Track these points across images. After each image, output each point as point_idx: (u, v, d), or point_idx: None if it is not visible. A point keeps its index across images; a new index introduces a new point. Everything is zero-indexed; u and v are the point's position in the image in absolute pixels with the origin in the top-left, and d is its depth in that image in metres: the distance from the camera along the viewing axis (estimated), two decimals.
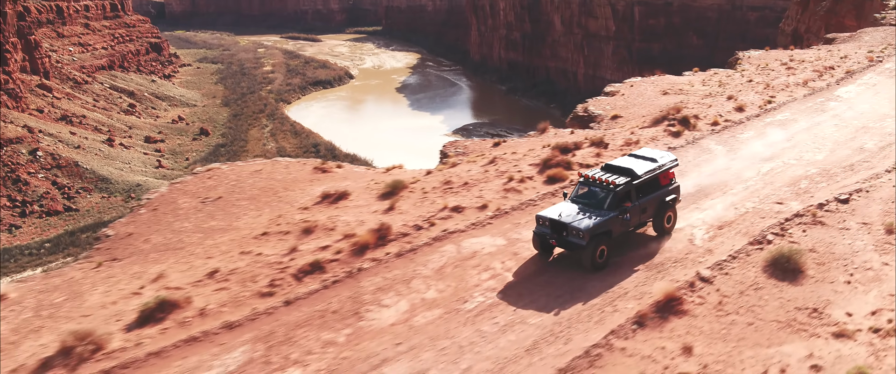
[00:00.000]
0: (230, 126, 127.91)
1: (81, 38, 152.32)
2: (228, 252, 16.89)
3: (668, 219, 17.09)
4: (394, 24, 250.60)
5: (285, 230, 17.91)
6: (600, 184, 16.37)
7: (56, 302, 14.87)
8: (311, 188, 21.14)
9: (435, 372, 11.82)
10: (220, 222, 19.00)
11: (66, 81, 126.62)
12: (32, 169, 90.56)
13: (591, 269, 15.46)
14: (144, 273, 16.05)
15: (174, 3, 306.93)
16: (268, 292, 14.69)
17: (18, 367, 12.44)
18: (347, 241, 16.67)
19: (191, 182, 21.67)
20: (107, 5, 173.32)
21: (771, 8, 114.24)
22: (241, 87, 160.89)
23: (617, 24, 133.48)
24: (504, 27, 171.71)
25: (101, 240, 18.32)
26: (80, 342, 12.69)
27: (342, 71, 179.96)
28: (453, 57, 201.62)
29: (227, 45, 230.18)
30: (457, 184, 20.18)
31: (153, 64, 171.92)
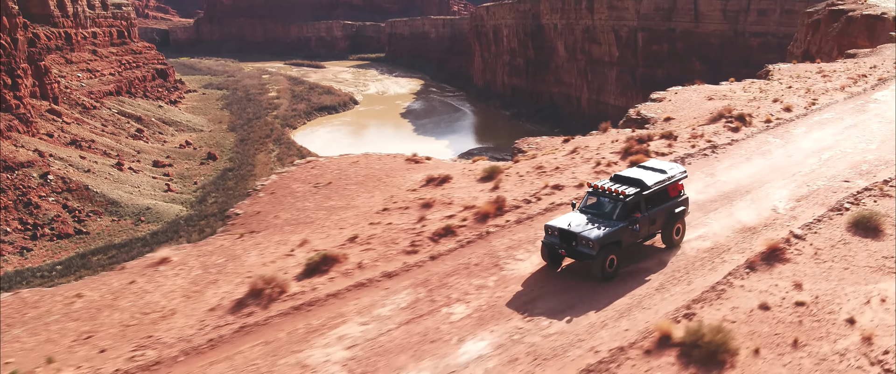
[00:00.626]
0: (237, 151, 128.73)
1: (89, 64, 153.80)
2: (357, 224, 19.20)
3: (677, 231, 17.01)
4: (396, 50, 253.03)
5: (404, 206, 20.20)
6: (610, 194, 16.35)
7: (218, 263, 17.08)
8: (410, 175, 23.43)
9: (582, 306, 14.04)
10: (338, 202, 21.41)
11: (75, 107, 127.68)
12: (43, 193, 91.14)
13: (601, 278, 15.42)
14: (288, 241, 18.33)
15: (178, 31, 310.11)
16: (411, 251, 16.93)
17: (215, 306, 14.62)
18: (469, 211, 18.95)
19: (296, 171, 24.04)
20: (114, 32, 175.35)
21: (773, 34, 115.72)
22: (246, 112, 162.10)
23: (620, 49, 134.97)
24: (507, 53, 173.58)
25: (232, 218, 20.63)
26: (267, 285, 14.96)
27: (347, 97, 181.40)
28: (456, 83, 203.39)
29: (231, 72, 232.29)
30: (548, 169, 22.60)
31: (159, 90, 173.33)
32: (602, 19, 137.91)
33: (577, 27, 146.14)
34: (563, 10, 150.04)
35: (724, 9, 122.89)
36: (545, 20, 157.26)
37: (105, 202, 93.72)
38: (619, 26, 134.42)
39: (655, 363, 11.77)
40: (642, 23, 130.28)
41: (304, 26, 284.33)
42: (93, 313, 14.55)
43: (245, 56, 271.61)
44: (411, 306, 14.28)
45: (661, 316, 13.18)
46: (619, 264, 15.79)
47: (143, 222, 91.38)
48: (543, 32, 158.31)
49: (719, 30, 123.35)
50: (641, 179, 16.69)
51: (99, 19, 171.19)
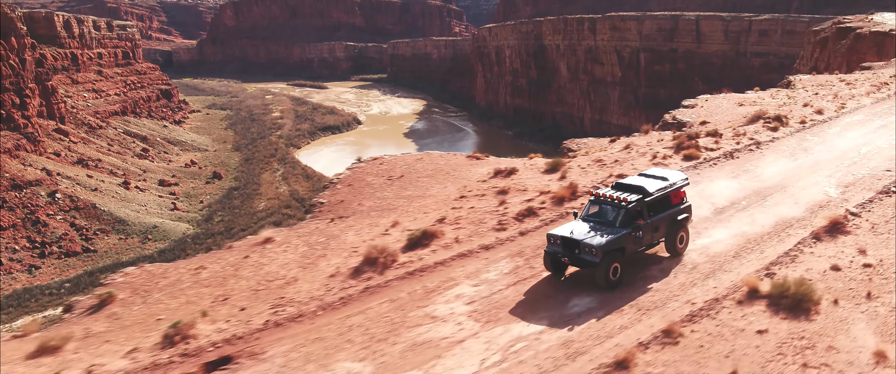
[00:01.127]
0: (242, 170, 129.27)
1: (95, 84, 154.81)
2: (440, 208, 20.86)
3: (680, 239, 16.95)
4: (399, 71, 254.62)
5: (480, 194, 21.98)
6: (612, 202, 16.28)
7: (320, 241, 18.85)
8: (475, 169, 25.13)
9: (665, 272, 15.79)
10: (414, 192, 23.29)
11: (81, 126, 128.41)
12: (51, 211, 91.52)
13: (605, 286, 15.32)
14: (379, 223, 20.09)
15: (181, 52, 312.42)
16: (500, 228, 18.60)
17: (334, 273, 16.46)
18: (545, 196, 20.71)
19: (365, 167, 25.79)
20: (119, 53, 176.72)
21: (774, 54, 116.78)
22: (250, 132, 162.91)
23: (623, 70, 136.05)
24: (510, 74, 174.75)
25: (317, 207, 22.40)
26: (380, 254, 16.76)
27: (350, 117, 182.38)
28: (459, 103, 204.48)
29: (234, 92, 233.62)
30: (608, 161, 24.37)
31: (164, 110, 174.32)
32: (604, 40, 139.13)
33: (579, 48, 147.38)
34: (565, 31, 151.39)
35: (725, 29, 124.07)
36: (547, 41, 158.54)
37: (112, 221, 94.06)
38: (621, 47, 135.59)
39: (748, 311, 13.55)
40: (644, 43, 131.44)
41: (306, 47, 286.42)
42: (220, 281, 16.55)
43: (248, 77, 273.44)
44: (513, 272, 16.11)
45: (743, 276, 14.97)
46: (623, 272, 15.72)
47: (150, 240, 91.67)
48: (546, 53, 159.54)
49: (721, 50, 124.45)
50: (643, 187, 16.67)
51: (104, 40, 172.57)
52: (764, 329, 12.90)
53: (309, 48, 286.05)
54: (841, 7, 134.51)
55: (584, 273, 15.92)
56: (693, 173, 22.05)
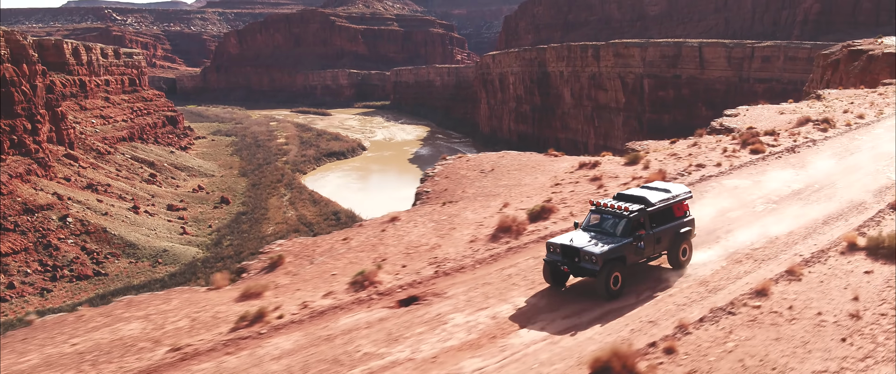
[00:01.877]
0: (249, 195, 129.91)
1: (103, 110, 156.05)
2: (541, 193, 23.33)
3: (683, 252, 16.82)
4: (402, 98, 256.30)
5: (573, 181, 24.38)
6: (613, 211, 16.23)
7: (443, 219, 21.27)
8: (557, 164, 27.43)
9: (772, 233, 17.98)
10: (509, 182, 25.60)
11: (90, 152, 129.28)
12: (62, 235, 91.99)
13: (605, 296, 15.17)
14: (489, 205, 22.50)
15: (185, 79, 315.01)
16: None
17: (473, 239, 18.82)
18: (637, 180, 23.06)
19: (455, 163, 27.98)
20: (125, 80, 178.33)
21: (777, 79, 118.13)
22: (256, 158, 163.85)
23: (627, 96, 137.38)
24: (513, 100, 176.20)
25: (422, 195, 24.62)
26: (513, 223, 19.27)
27: (355, 143, 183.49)
28: (462, 130, 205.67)
29: (238, 119, 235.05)
30: (682, 155, 26.63)
31: (170, 136, 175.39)
32: (608, 67, 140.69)
33: (583, 74, 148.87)
34: (569, 58, 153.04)
35: (728, 56, 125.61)
36: (551, 68, 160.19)
37: (122, 245, 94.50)
38: (625, 73, 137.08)
39: (852, 258, 15.86)
40: (648, 70, 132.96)
41: (309, 75, 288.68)
42: (370, 247, 19.02)
43: (251, 104, 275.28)
44: None
45: (840, 234, 17.23)
46: (624, 282, 15.58)
47: (160, 263, 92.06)
48: (549, 80, 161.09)
49: (724, 76, 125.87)
50: (646, 197, 16.70)
51: (111, 67, 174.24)
52: (869, 270, 15.16)
53: (312, 76, 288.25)
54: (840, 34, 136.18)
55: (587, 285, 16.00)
56: (762, 165, 24.60)
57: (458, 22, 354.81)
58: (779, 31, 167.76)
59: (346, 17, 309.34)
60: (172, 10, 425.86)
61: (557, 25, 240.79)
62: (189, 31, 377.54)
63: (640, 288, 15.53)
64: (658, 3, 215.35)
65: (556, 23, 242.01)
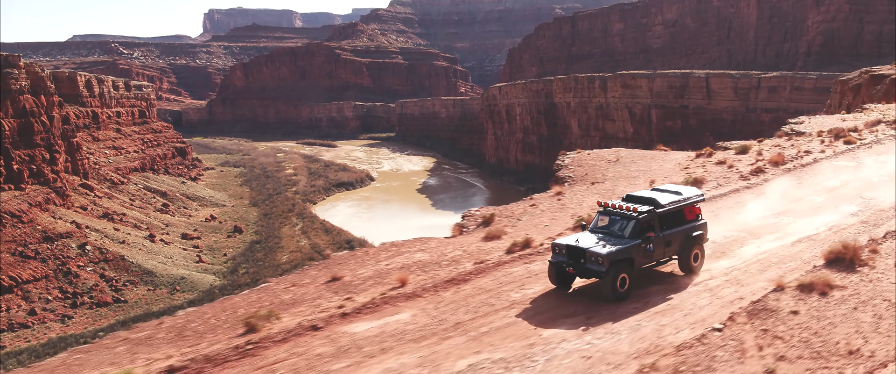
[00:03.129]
0: (262, 224, 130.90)
1: (115, 141, 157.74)
2: (675, 174, 26.60)
3: (694, 256, 16.25)
4: (407, 130, 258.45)
5: (700, 165, 27.79)
6: (621, 212, 15.87)
7: (604, 191, 25.34)
8: (671, 155, 31.11)
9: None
10: (638, 168, 29.08)
11: (104, 182, 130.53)
12: (81, 262, 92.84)
13: (612, 298, 14.79)
14: (636, 183, 26.25)
15: (191, 112, 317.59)
16: (746, 177, 25.00)
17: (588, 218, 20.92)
18: (760, 162, 26.67)
19: (580, 157, 31.67)
20: (135, 112, 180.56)
21: (784, 109, 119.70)
22: (266, 188, 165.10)
23: (634, 126, 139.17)
24: (520, 131, 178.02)
25: (565, 179, 28.11)
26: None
27: (363, 173, 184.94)
28: (468, 160, 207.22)
29: (246, 151, 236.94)
30: (783, 145, 29.89)
31: (179, 167, 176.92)
32: (616, 97, 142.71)
33: (590, 105, 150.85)
34: (575, 89, 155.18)
35: (735, 86, 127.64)
36: (558, 99, 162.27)
37: (140, 272, 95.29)
38: (632, 104, 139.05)
39: None
40: (656, 100, 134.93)
41: (315, 107, 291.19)
42: (558, 209, 23.40)
43: (257, 136, 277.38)
44: (784, 195, 22.18)
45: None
46: (631, 285, 15.15)
47: (178, 291, 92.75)
48: (556, 110, 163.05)
49: (731, 106, 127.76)
50: (655, 199, 16.25)
51: (122, 100, 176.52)
52: None
53: (317, 108, 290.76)
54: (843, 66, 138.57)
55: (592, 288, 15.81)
56: (858, 152, 27.55)
57: (460, 55, 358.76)
58: (781, 62, 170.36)
59: (351, 50, 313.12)
60: (178, 43, 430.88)
61: (561, 58, 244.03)
62: (194, 64, 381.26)
63: None
64: (661, 35, 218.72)
65: (560, 55, 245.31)
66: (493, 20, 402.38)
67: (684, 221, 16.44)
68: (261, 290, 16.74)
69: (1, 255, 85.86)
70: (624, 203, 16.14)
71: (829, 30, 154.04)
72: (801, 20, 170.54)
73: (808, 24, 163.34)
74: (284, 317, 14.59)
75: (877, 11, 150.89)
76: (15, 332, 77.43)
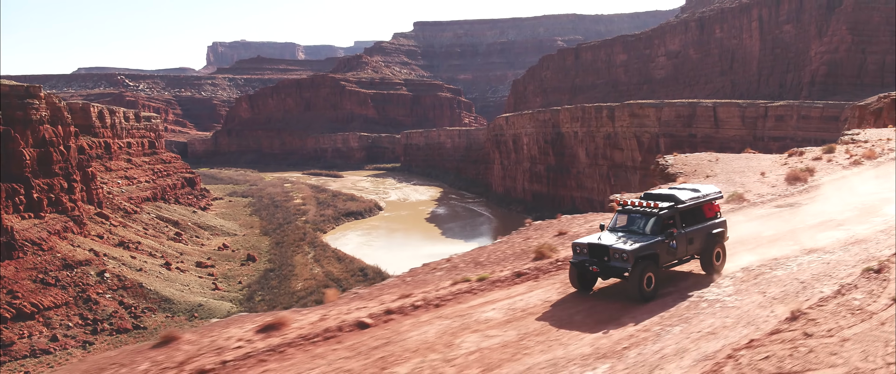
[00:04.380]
0: (274, 253, 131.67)
1: (126, 172, 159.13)
2: (776, 169, 30.02)
3: (717, 255, 16.01)
4: (412, 160, 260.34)
5: (798, 160, 31.41)
6: (642, 209, 15.63)
7: (722, 181, 28.69)
8: (764, 156, 35.54)
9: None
10: (740, 165, 32.33)
11: (118, 211, 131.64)
12: (101, 290, 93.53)
13: (638, 297, 14.40)
14: (747, 174, 29.45)
15: (196, 143, 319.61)
16: (849, 167, 28.66)
17: (775, 184, 26.11)
18: (856, 156, 30.10)
19: (682, 157, 34.32)
20: (145, 143, 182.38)
21: (792, 137, 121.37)
22: (276, 218, 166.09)
23: (643, 154, 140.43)
24: (527, 161, 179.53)
25: (676, 176, 30.54)
26: (799, 173, 26.86)
27: (371, 203, 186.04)
28: (475, 190, 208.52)
29: (253, 181, 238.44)
30: (869, 142, 34.08)
31: (189, 197, 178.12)
32: (624, 126, 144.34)
33: (598, 134, 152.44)
34: (583, 119, 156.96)
35: (742, 115, 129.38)
36: (565, 129, 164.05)
37: (158, 299, 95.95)
38: (640, 133, 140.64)
39: None
40: (664, 129, 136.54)
41: (320, 138, 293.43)
42: None
43: (263, 167, 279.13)
44: (877, 178, 25.18)
45: None
46: (657, 284, 14.75)
47: (196, 317, 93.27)
48: (563, 140, 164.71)
49: (739, 135, 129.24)
50: (675, 195, 16.04)
51: (132, 130, 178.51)
52: None
53: (323, 139, 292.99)
54: (847, 95, 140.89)
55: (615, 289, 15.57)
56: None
57: (463, 86, 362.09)
58: (785, 92, 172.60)
59: (356, 81, 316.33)
60: (183, 75, 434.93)
61: (565, 89, 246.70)
62: (199, 96, 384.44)
63: None
64: (664, 66, 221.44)
65: (564, 86, 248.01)
66: (496, 52, 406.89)
67: (704, 218, 16.27)
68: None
69: (23, 282, 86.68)
70: (644, 200, 15.95)
71: (833, 60, 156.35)
72: (804, 51, 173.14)
73: (811, 55, 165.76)
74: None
75: (879, 42, 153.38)
76: (38, 358, 77.93)
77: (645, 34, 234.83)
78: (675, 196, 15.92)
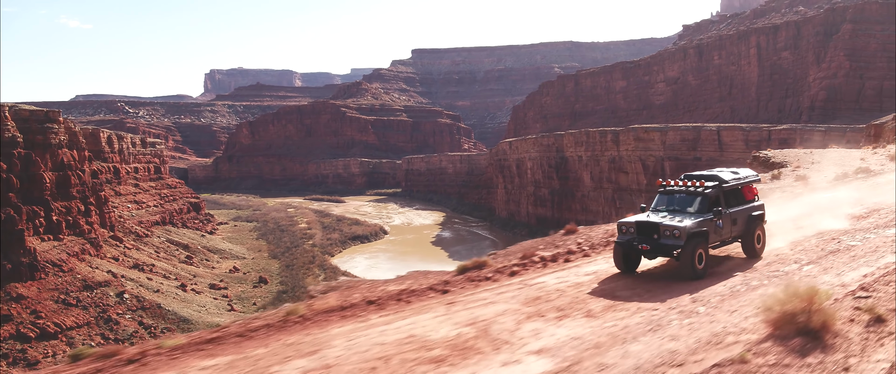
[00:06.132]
0: (286, 276, 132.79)
1: (135, 196, 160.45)
2: (867, 158, 35.67)
3: (757, 238, 15.99)
4: (413, 185, 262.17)
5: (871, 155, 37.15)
6: (687, 189, 15.58)
7: (810, 176, 33.19)
8: (849, 149, 40.61)
9: None
10: (835, 156, 38.72)
11: (129, 234, 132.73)
12: (120, 310, 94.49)
13: (690, 275, 14.24)
14: (845, 165, 34.44)
15: (197, 169, 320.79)
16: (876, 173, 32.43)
17: (842, 175, 31.17)
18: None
19: (777, 153, 38.59)
20: (151, 168, 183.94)
21: None
22: (283, 241, 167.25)
23: (648, 177, 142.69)
24: (531, 185, 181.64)
25: (785, 164, 34.09)
26: (869, 166, 33.99)
27: (376, 227, 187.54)
28: (478, 214, 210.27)
29: (256, 206, 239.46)
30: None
31: (195, 221, 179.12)
32: (628, 150, 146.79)
33: (602, 158, 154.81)
34: (587, 143, 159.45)
35: (745, 139, 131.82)
36: (569, 153, 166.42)
37: (177, 320, 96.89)
38: (645, 156, 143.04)
39: None
40: (668, 153, 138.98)
41: (321, 164, 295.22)
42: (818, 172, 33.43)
43: (264, 192, 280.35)
44: None
45: None
46: (708, 262, 14.65)
47: None
48: (568, 164, 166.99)
49: (742, 158, 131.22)
50: (718, 176, 16.08)
51: (139, 156, 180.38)
52: None
53: (324, 164, 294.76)
54: (846, 119, 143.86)
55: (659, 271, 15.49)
56: None
57: (461, 113, 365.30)
58: (783, 117, 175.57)
59: (357, 108, 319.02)
60: (182, 102, 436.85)
61: (565, 115, 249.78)
62: (199, 122, 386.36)
63: None
64: (663, 92, 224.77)
65: (564, 112, 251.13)
66: (494, 79, 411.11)
67: (745, 200, 16.34)
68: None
69: (45, 302, 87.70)
70: (688, 181, 15.92)
71: (832, 86, 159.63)
72: (802, 77, 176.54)
73: (810, 81, 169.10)
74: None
75: (877, 68, 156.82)
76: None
77: (644, 61, 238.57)
78: (719, 176, 15.99)
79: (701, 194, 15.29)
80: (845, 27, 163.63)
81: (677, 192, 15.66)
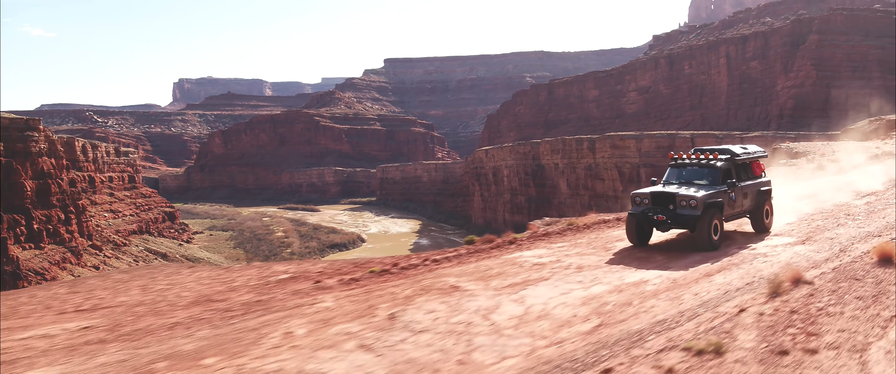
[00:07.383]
0: None
1: (111, 205, 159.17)
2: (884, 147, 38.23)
3: (766, 212, 16.39)
4: (388, 194, 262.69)
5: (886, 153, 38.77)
6: (699, 162, 15.88)
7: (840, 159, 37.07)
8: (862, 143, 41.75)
9: None
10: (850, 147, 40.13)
11: (107, 243, 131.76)
12: None
13: (707, 245, 14.40)
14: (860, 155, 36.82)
15: (168, 179, 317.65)
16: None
17: (859, 164, 34.19)
18: None
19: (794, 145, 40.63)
20: (125, 177, 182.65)
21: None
22: (261, 250, 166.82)
23: (624, 185, 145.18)
24: (508, 192, 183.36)
25: (806, 153, 36.41)
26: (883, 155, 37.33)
27: (353, 235, 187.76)
28: (453, 222, 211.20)
29: (230, 216, 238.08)
30: None
31: (170, 230, 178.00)
32: (604, 158, 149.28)
33: (578, 166, 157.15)
34: (563, 151, 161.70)
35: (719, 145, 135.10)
36: (545, 161, 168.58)
37: None
38: (621, 164, 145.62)
39: None
40: (644, 159, 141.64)
41: (295, 173, 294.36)
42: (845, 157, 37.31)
43: (237, 202, 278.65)
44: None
45: None
46: (722, 234, 14.77)
47: None
48: (544, 172, 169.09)
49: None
50: (730, 149, 16.58)
51: (113, 165, 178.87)
52: None
53: (297, 174, 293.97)
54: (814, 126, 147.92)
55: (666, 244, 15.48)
56: None
57: (435, 122, 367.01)
58: (753, 125, 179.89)
59: (330, 117, 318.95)
60: (152, 111, 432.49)
61: (539, 123, 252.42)
62: (169, 132, 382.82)
63: None
64: (635, 101, 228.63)
65: (538, 121, 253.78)
66: (466, 88, 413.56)
67: (754, 175, 16.87)
68: None
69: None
70: (700, 154, 16.25)
71: (799, 94, 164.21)
72: (771, 86, 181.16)
73: (778, 90, 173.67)
74: None
75: (842, 77, 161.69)
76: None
77: (616, 70, 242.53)
78: (731, 150, 16.50)
79: (714, 166, 15.63)
80: (812, 38, 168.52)
81: (689, 165, 15.95)
